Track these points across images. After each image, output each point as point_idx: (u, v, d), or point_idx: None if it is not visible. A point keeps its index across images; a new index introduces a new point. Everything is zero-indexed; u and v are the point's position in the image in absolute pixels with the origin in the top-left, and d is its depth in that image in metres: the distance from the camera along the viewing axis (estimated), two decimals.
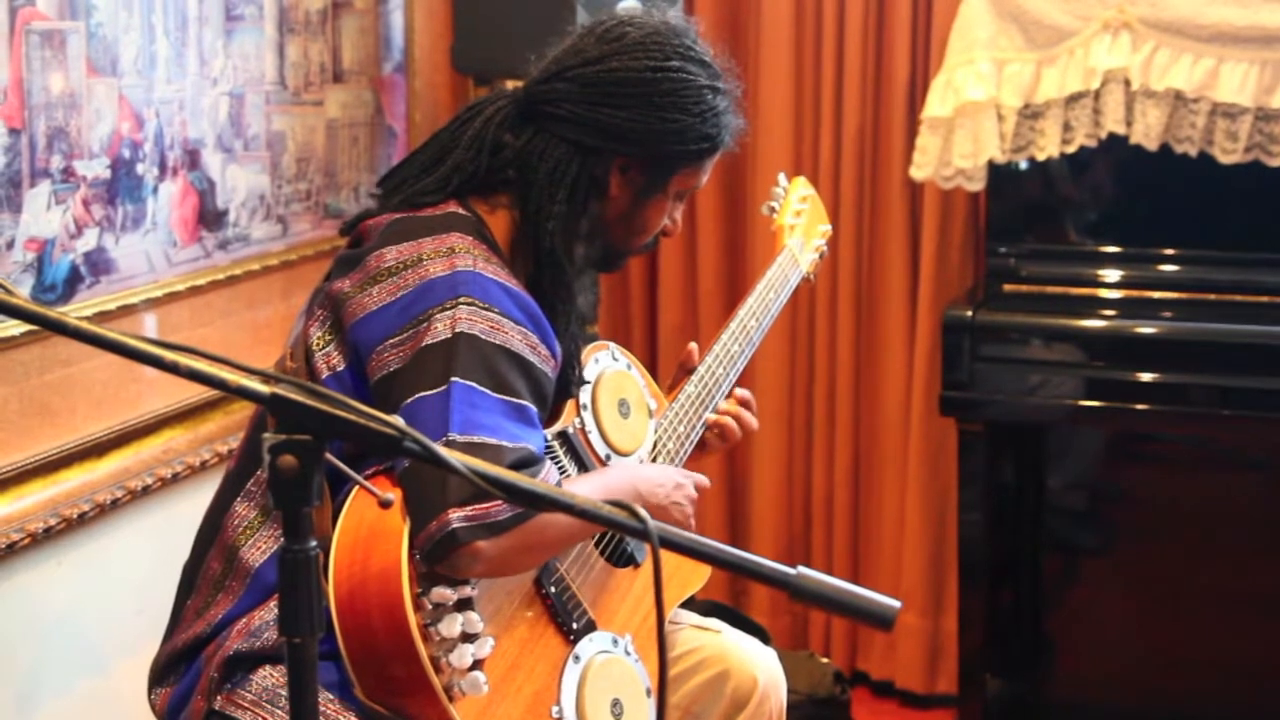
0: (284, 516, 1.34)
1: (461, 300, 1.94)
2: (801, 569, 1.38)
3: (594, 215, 2.10)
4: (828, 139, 3.76)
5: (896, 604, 1.38)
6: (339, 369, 2.01)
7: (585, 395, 2.19)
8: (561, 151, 2.08)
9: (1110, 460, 3.81)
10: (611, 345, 2.30)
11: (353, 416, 1.32)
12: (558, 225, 2.07)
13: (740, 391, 2.41)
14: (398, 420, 1.33)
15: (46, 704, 2.59)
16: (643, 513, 1.35)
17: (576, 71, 2.09)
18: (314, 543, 1.35)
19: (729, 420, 2.36)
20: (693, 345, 2.40)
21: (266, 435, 1.32)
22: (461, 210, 2.08)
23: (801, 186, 2.67)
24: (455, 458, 1.34)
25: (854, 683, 3.81)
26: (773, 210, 2.60)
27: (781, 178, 2.65)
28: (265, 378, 1.34)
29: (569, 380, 2.14)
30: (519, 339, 1.95)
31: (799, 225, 2.61)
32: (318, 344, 2.03)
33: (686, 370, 2.37)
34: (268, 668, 1.96)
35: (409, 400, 1.88)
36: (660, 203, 2.15)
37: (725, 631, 2.38)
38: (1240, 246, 3.35)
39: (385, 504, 1.48)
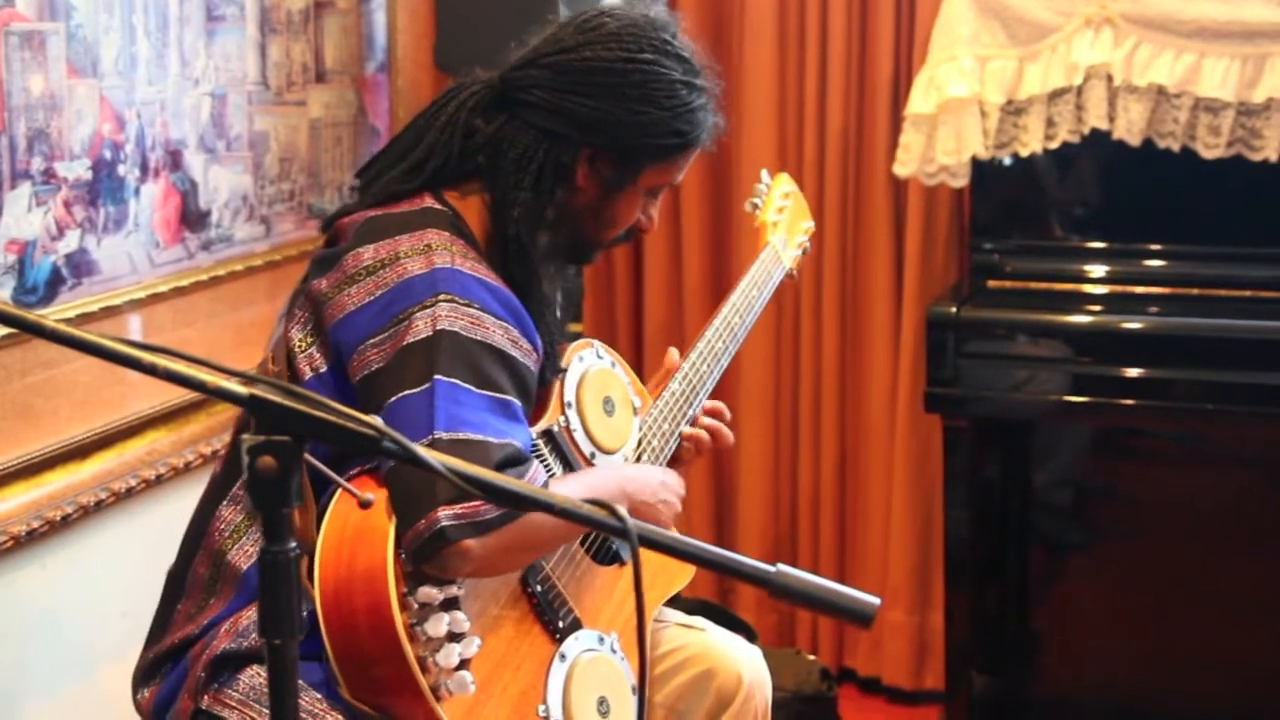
0: (263, 517, 1.34)
1: (441, 297, 1.93)
2: (781, 566, 1.38)
3: (560, 204, 2.10)
4: (811, 136, 3.76)
5: (876, 601, 1.38)
6: (322, 370, 2.00)
7: (570, 393, 2.19)
8: (529, 138, 2.08)
9: (1096, 456, 3.81)
10: (596, 343, 2.29)
11: (331, 417, 1.32)
12: (522, 211, 2.07)
13: (712, 404, 2.39)
14: (376, 420, 1.33)
15: (30, 707, 2.58)
16: (622, 511, 1.35)
17: (551, 59, 2.09)
18: (294, 544, 1.35)
19: (702, 433, 2.34)
20: (673, 350, 2.39)
21: (245, 436, 1.32)
22: (436, 204, 2.08)
23: (784, 183, 2.67)
24: (436, 457, 1.33)
25: (841, 680, 3.81)
26: (755, 207, 2.61)
27: (764, 175, 2.66)
28: (244, 379, 1.34)
29: (549, 370, 2.14)
30: (500, 334, 1.95)
31: (781, 222, 2.61)
32: (299, 345, 2.03)
33: (670, 375, 2.36)
34: (255, 667, 1.96)
35: (392, 399, 1.88)
36: (630, 197, 2.14)
37: (710, 629, 2.37)
38: (1224, 241, 3.35)
39: (365, 504, 1.48)
